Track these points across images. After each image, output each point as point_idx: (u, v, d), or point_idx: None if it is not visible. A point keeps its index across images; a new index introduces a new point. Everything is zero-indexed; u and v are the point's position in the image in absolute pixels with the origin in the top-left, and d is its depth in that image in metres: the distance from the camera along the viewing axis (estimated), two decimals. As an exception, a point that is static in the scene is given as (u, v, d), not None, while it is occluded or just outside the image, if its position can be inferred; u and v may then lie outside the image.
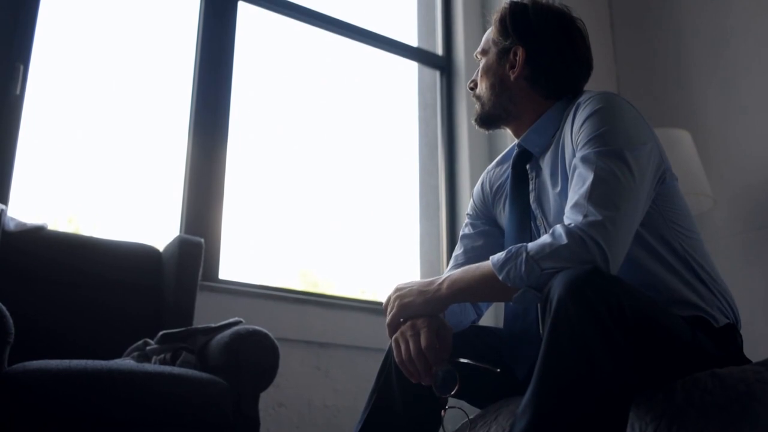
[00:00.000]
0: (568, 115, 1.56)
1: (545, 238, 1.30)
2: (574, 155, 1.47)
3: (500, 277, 1.30)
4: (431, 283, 1.44)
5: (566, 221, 1.32)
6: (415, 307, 1.42)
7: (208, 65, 2.90)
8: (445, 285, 1.41)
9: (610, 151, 1.38)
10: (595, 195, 1.32)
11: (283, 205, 3.14)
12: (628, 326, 1.15)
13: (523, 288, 1.30)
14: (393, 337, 1.43)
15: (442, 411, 1.40)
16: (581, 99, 1.54)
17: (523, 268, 1.28)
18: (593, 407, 1.10)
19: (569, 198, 1.38)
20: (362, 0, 3.64)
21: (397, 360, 1.41)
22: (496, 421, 1.46)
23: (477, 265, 1.40)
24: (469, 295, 1.44)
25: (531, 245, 1.30)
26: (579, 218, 1.29)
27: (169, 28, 3.05)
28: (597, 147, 1.39)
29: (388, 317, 1.46)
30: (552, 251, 1.27)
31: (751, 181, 3.18)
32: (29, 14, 2.55)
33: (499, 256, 1.32)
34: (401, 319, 1.43)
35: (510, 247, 1.32)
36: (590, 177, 1.35)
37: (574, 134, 1.48)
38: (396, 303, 1.44)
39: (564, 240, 1.26)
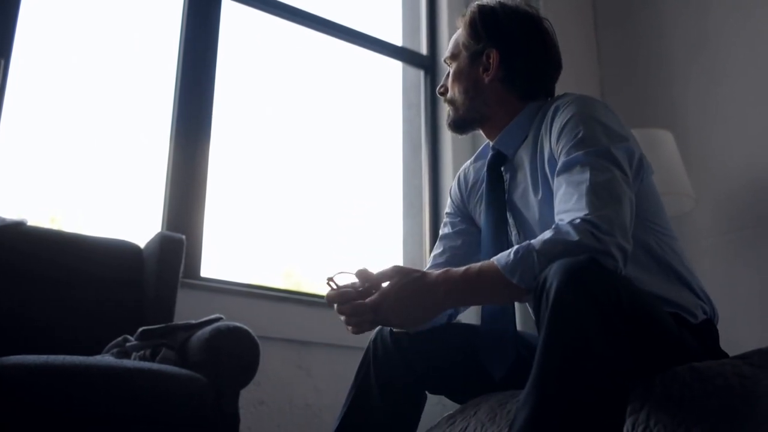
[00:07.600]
0: (545, 116, 1.55)
1: (548, 235, 1.28)
2: (553, 158, 1.48)
3: (514, 281, 1.28)
4: (427, 290, 1.38)
5: (569, 218, 1.30)
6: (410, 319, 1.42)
7: (191, 62, 2.88)
8: (443, 290, 1.36)
9: (599, 150, 1.39)
10: (595, 192, 1.32)
11: (266, 203, 3.13)
12: (626, 315, 1.14)
13: None
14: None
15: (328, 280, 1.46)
16: (559, 102, 1.54)
17: (537, 269, 1.25)
18: (596, 395, 1.08)
19: (565, 198, 1.36)
20: (347, -1, 3.63)
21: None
22: (475, 417, 1.46)
23: (476, 270, 1.34)
24: (471, 299, 1.42)
25: (536, 243, 1.28)
26: (583, 213, 1.29)
27: (153, 24, 3.03)
28: (586, 148, 1.40)
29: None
30: (564, 248, 1.25)
31: (733, 182, 3.20)
32: (11, 8, 2.52)
33: (506, 259, 1.29)
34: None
35: (515, 248, 1.30)
36: (586, 176, 1.35)
37: (554, 137, 1.48)
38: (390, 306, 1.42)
39: (574, 236, 1.25)
